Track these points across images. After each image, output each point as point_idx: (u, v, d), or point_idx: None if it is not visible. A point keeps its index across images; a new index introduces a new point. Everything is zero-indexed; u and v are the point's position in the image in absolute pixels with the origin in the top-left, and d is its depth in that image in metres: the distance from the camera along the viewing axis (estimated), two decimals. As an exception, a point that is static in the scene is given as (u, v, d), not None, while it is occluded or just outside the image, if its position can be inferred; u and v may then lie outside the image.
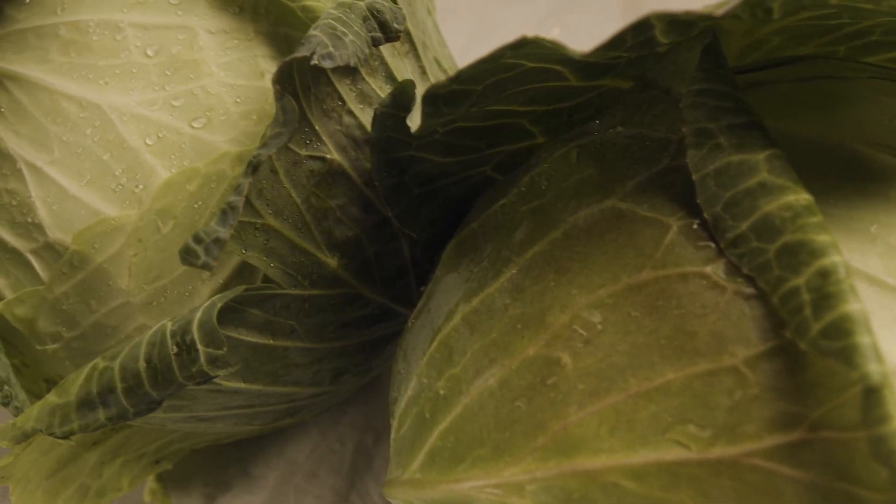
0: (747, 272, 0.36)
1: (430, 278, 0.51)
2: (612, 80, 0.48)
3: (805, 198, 0.36)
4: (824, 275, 0.33)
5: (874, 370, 0.31)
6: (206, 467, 0.72)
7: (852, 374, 0.32)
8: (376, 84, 0.52)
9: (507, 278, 0.43)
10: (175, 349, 0.45)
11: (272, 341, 0.51)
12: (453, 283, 0.47)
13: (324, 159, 0.50)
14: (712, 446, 0.35)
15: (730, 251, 0.37)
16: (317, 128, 0.50)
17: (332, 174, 0.50)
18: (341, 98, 0.51)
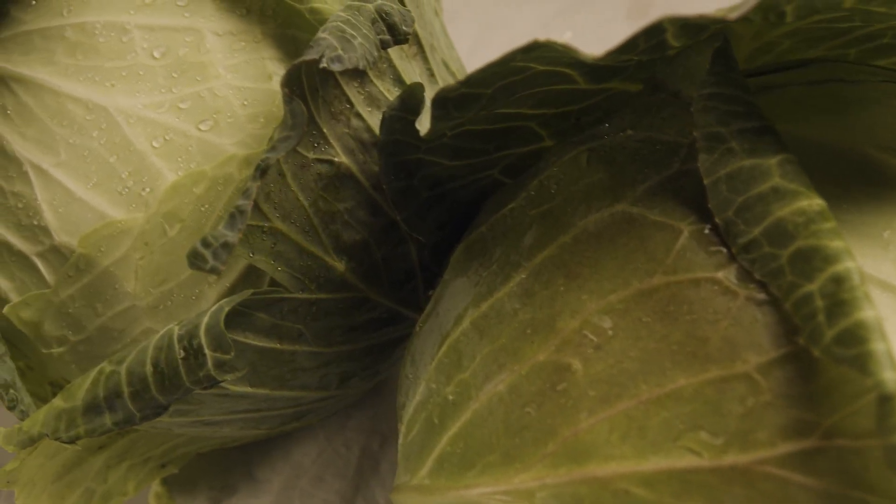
0: (760, 278, 0.36)
1: (438, 282, 0.50)
2: (621, 83, 0.47)
3: (818, 203, 0.35)
4: (838, 281, 0.33)
5: (889, 378, 0.31)
6: (211, 471, 0.72)
7: (867, 381, 0.32)
8: (384, 87, 0.52)
9: (517, 283, 0.43)
10: (182, 353, 0.44)
11: (279, 345, 0.51)
12: (462, 287, 0.46)
13: (331, 162, 0.50)
14: (724, 454, 0.35)
15: (742, 256, 0.37)
16: (325, 131, 0.49)
17: (339, 177, 0.50)
18: (349, 101, 0.50)
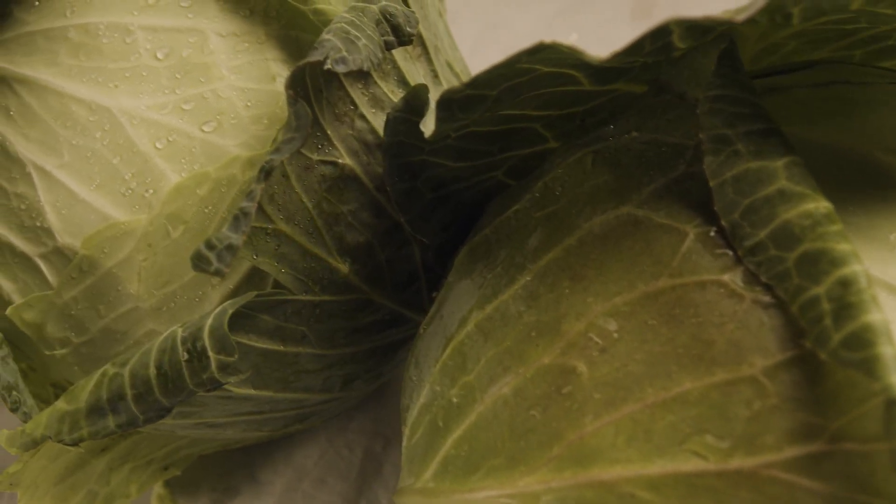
0: (766, 280, 0.36)
1: (442, 284, 0.50)
2: (626, 85, 0.47)
3: (825, 206, 0.35)
4: (845, 284, 0.33)
5: (896, 382, 0.31)
6: (213, 473, 0.72)
7: (874, 385, 0.32)
8: (388, 88, 0.52)
9: (522, 285, 0.43)
10: (186, 356, 0.44)
11: (283, 347, 0.51)
12: (466, 289, 0.46)
13: (335, 164, 0.50)
14: (731, 457, 0.35)
15: (748, 259, 0.37)
16: (329, 132, 0.49)
17: (343, 179, 0.50)
18: (353, 102, 0.50)
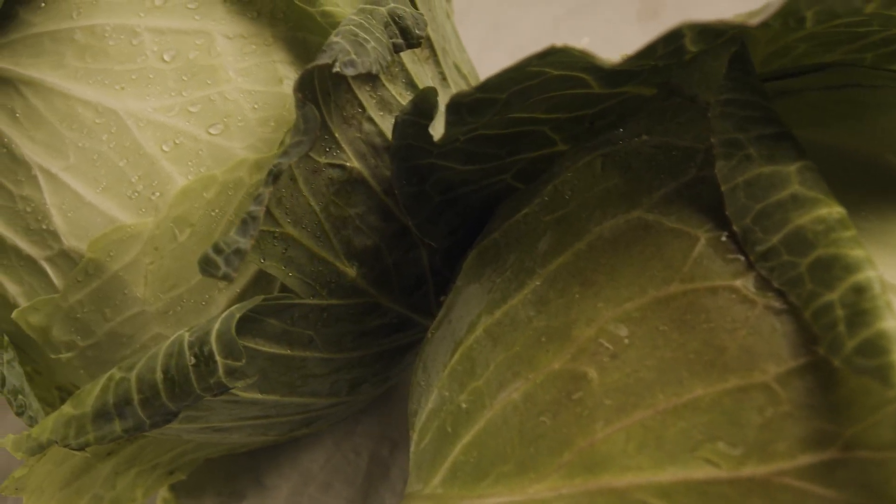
0: (778, 286, 0.36)
1: (450, 288, 0.50)
2: (636, 88, 0.47)
3: (838, 211, 0.35)
4: (859, 290, 0.33)
5: (911, 389, 0.30)
6: (218, 477, 0.71)
7: (888, 392, 0.32)
8: (396, 90, 0.51)
9: (531, 290, 0.42)
10: (193, 360, 0.44)
11: (290, 351, 0.51)
12: (475, 293, 0.46)
13: (343, 167, 0.49)
14: (743, 465, 0.34)
15: (760, 264, 0.36)
16: (336, 135, 0.49)
17: (351, 182, 0.50)
18: (361, 105, 0.50)
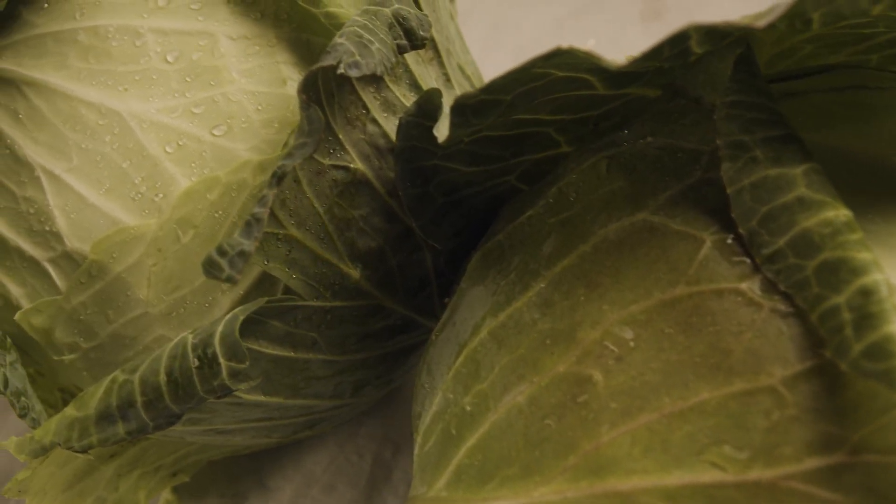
0: (784, 289, 0.36)
1: (454, 290, 0.50)
2: (640, 89, 0.47)
3: (845, 214, 0.35)
4: (866, 293, 0.33)
5: (919, 393, 0.30)
6: (221, 479, 0.71)
7: (895, 396, 0.31)
8: (400, 92, 0.51)
9: (536, 292, 0.42)
10: (196, 362, 0.44)
11: (293, 353, 0.50)
12: (479, 296, 0.46)
13: (347, 169, 0.49)
14: (749, 468, 0.34)
15: (766, 267, 0.36)
16: (340, 137, 0.49)
17: (355, 184, 0.50)
18: (365, 106, 0.50)
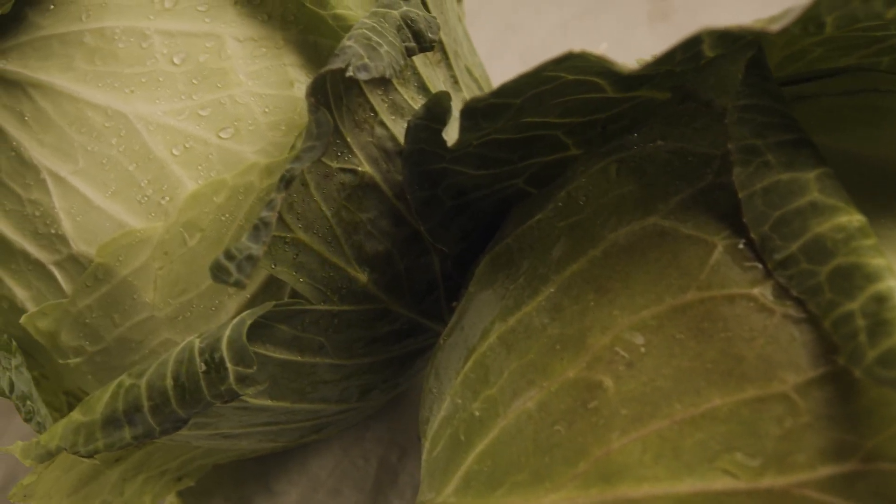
0: (797, 295, 0.35)
1: (462, 294, 0.50)
2: (649, 91, 0.47)
3: (858, 219, 0.35)
4: (880, 300, 0.33)
5: (935, 401, 0.30)
6: (227, 482, 0.71)
7: (910, 404, 0.31)
8: (408, 94, 0.51)
9: (545, 297, 0.42)
10: (203, 367, 0.44)
11: (300, 358, 0.50)
12: (488, 300, 0.45)
13: (355, 172, 0.49)
14: (762, 476, 0.34)
15: (778, 273, 0.36)
16: (348, 139, 0.49)
17: (363, 187, 0.49)
18: (373, 109, 0.49)
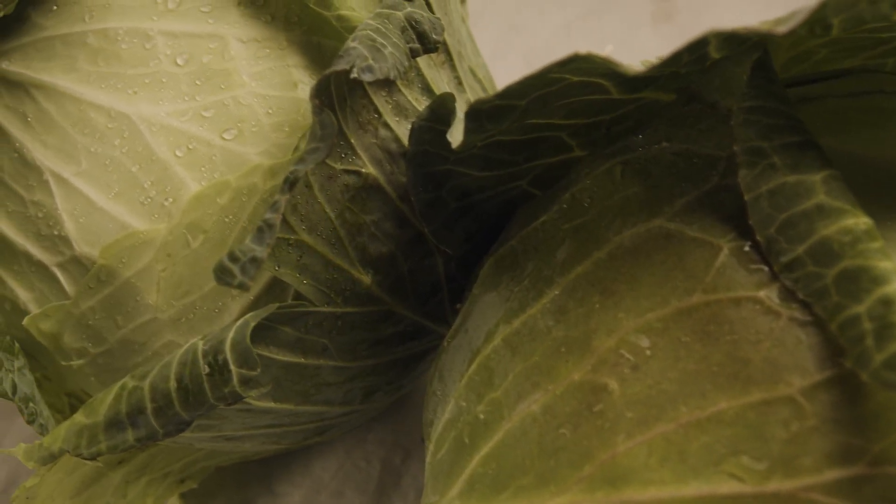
0: (803, 297, 0.35)
1: (466, 296, 0.49)
2: (654, 93, 0.46)
3: (865, 221, 0.34)
4: (887, 303, 0.32)
5: (942, 405, 0.30)
6: (229, 485, 0.71)
7: (918, 407, 0.31)
8: (412, 96, 0.51)
9: (550, 299, 0.42)
10: (207, 369, 0.44)
11: (304, 360, 0.50)
12: (492, 302, 0.45)
13: (359, 173, 0.49)
14: (768, 480, 0.34)
15: (784, 275, 0.36)
16: (352, 141, 0.48)
17: (367, 189, 0.49)
18: (377, 110, 0.49)
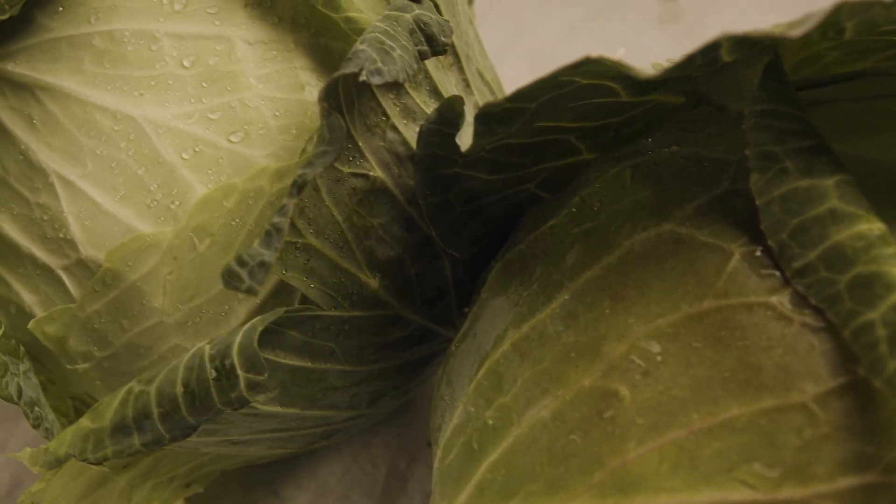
0: (816, 303, 0.35)
1: (474, 300, 0.49)
2: (663, 95, 0.46)
3: (878, 227, 0.34)
4: (902, 310, 0.32)
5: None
6: (235, 488, 0.71)
7: (932, 415, 0.31)
8: (420, 98, 0.50)
9: (560, 304, 0.41)
10: (214, 374, 0.43)
11: (310, 364, 0.50)
12: (501, 307, 0.45)
13: (367, 177, 0.48)
14: (780, 487, 0.33)
15: (797, 281, 0.36)
16: (360, 144, 0.48)
17: (374, 192, 0.49)
18: (385, 113, 0.49)
